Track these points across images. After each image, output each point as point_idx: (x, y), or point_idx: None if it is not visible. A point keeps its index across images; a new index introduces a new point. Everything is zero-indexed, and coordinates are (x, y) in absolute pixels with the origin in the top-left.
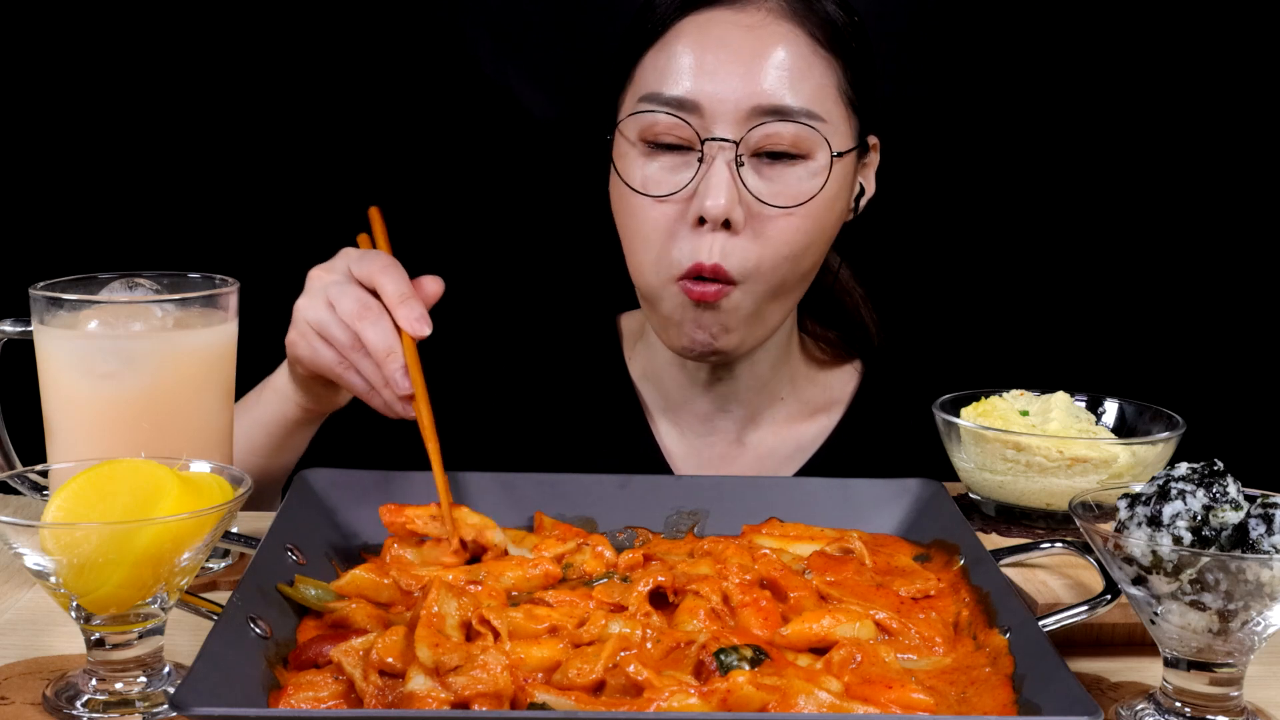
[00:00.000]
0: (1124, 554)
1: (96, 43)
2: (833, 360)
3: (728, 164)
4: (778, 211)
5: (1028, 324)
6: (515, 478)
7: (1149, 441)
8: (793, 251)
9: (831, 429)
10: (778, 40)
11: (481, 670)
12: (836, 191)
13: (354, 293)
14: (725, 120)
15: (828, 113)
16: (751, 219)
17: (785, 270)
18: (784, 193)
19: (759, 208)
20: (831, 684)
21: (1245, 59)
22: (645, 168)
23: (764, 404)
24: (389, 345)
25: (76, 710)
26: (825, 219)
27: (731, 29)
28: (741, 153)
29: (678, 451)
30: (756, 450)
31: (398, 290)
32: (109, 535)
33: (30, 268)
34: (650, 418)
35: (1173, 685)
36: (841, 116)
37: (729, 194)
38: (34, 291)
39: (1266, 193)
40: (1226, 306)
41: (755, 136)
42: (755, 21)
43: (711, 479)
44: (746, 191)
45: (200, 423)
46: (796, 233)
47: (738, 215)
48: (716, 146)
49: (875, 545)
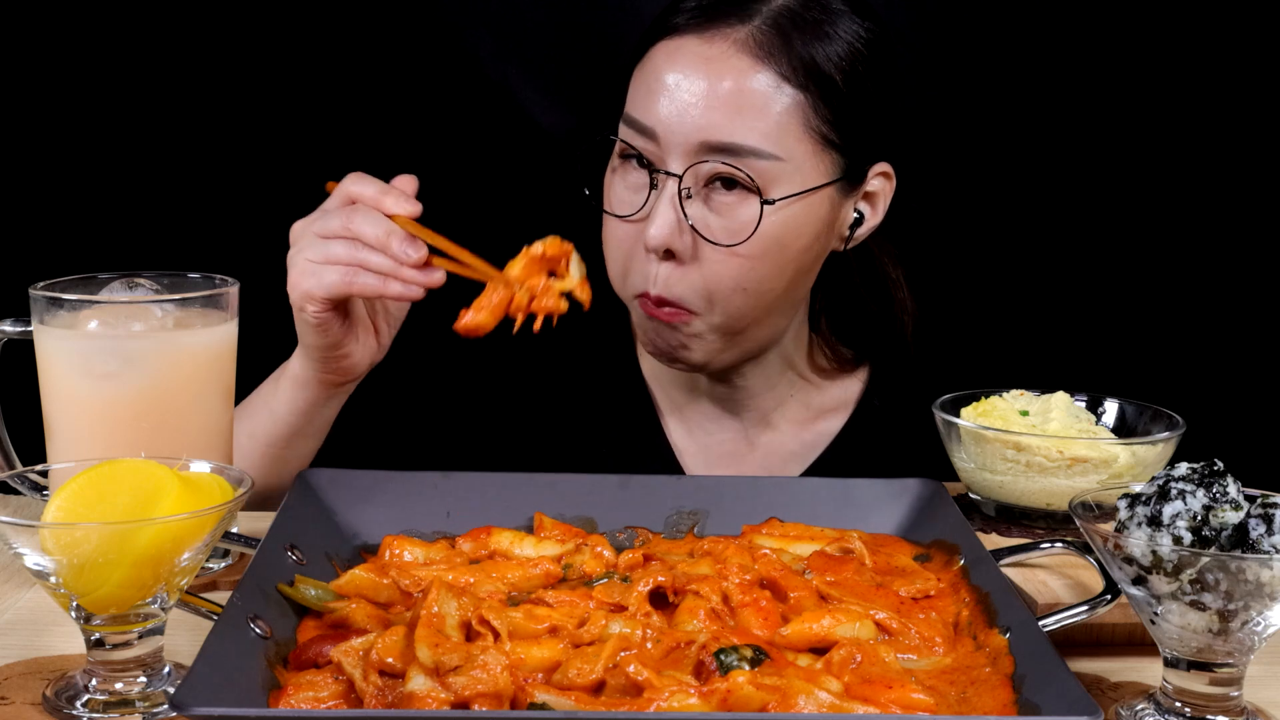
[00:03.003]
0: (1124, 554)
1: (96, 43)
2: (837, 372)
3: (672, 196)
4: (719, 249)
5: (1028, 324)
6: (515, 478)
7: (1149, 441)
8: (742, 285)
9: (840, 429)
10: (735, 74)
11: (481, 670)
12: (796, 229)
13: (336, 211)
14: (675, 151)
15: (786, 151)
16: (697, 250)
17: (741, 301)
18: (727, 228)
19: (701, 241)
20: (831, 684)
21: (1245, 59)
22: (615, 184)
23: (771, 405)
24: (385, 228)
25: (76, 710)
26: (780, 256)
27: (694, 60)
28: (689, 185)
29: (688, 449)
30: (766, 449)
31: (375, 188)
32: (109, 535)
33: (30, 268)
34: (661, 415)
35: (1173, 685)
36: (807, 154)
37: (669, 228)
38: (34, 291)
39: (1266, 193)
40: (1226, 306)
41: (702, 172)
42: (717, 53)
43: (711, 479)
44: (689, 225)
45: (200, 423)
46: (742, 268)
47: (679, 246)
48: (664, 177)
49: (875, 545)
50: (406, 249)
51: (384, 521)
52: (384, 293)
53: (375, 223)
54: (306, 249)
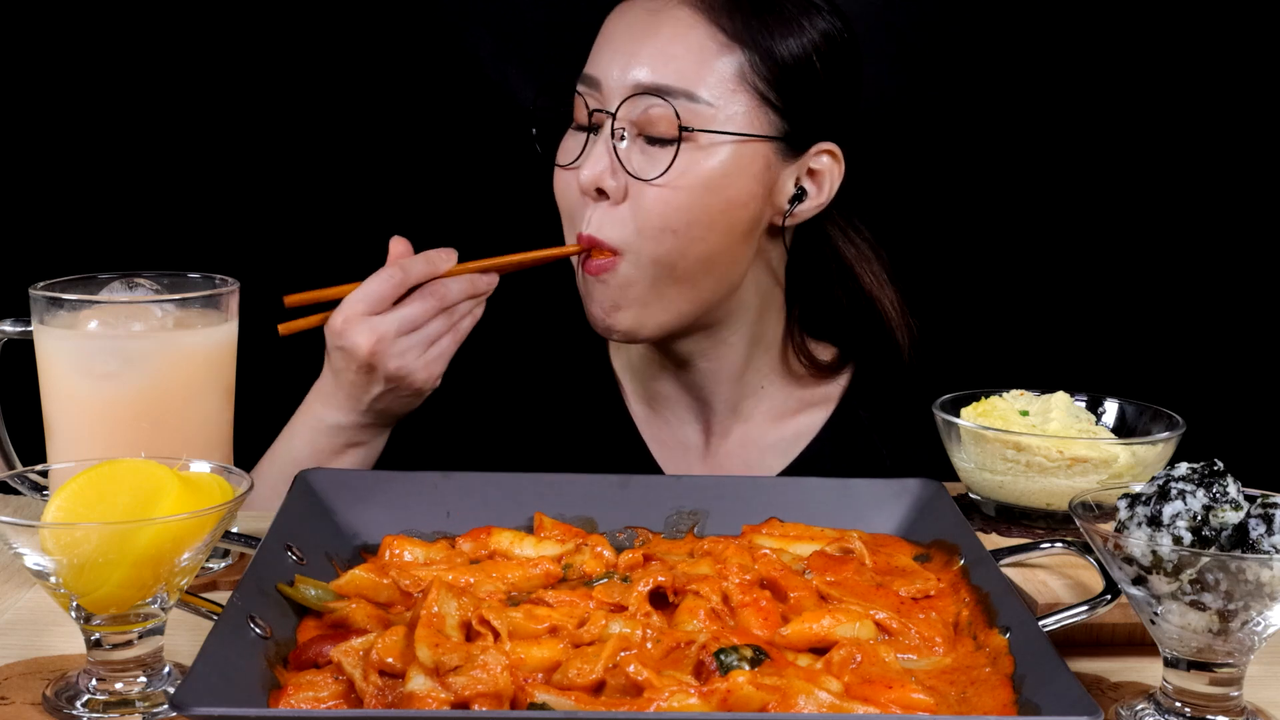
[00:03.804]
0: (1124, 554)
1: (96, 43)
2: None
3: (606, 139)
4: (645, 186)
5: (1028, 324)
6: (515, 478)
7: (1149, 441)
8: (670, 225)
9: (822, 425)
10: (671, 23)
11: (481, 670)
12: (725, 176)
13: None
14: (612, 97)
15: (715, 98)
16: (630, 191)
17: (669, 245)
18: (653, 165)
19: (632, 181)
20: (831, 684)
21: (1245, 59)
22: (565, 140)
23: (740, 396)
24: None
25: (76, 710)
26: (709, 200)
27: (639, 13)
28: (621, 127)
29: (659, 440)
30: (740, 441)
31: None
32: (109, 535)
33: (30, 268)
34: (633, 410)
35: (1173, 685)
36: (742, 106)
37: (600, 165)
38: (34, 291)
39: (1266, 193)
40: (1226, 306)
41: (634, 111)
42: (660, 5)
43: (711, 479)
44: (619, 163)
45: (200, 423)
46: (670, 205)
47: (609, 185)
48: (601, 117)
49: (875, 545)
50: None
51: (384, 521)
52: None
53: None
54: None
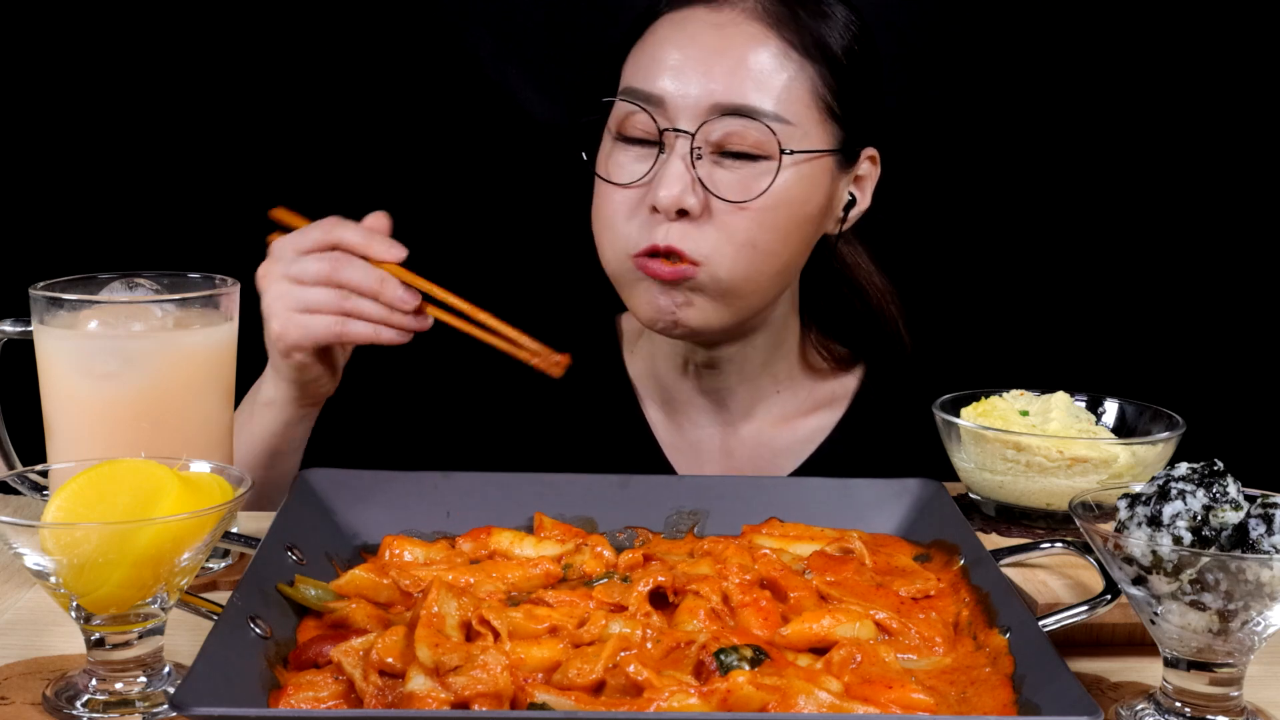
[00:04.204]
0: (1124, 554)
1: (96, 43)
2: (831, 371)
3: (683, 156)
4: (732, 206)
5: (1028, 324)
6: (515, 478)
7: (1149, 441)
8: (752, 241)
9: (833, 426)
10: (746, 40)
11: (481, 670)
12: (803, 194)
13: (315, 257)
14: (686, 115)
15: (794, 116)
16: (708, 210)
17: (748, 259)
18: (739, 187)
19: (714, 200)
20: (831, 684)
21: (1245, 59)
22: (613, 156)
23: (757, 399)
24: (376, 274)
25: (76, 710)
26: (788, 218)
27: (703, 27)
28: (699, 145)
29: (673, 444)
30: (754, 443)
31: (358, 235)
32: (109, 535)
33: (30, 268)
34: (649, 415)
35: (1173, 685)
36: (813, 121)
37: (682, 184)
38: (34, 291)
39: (1266, 193)
40: (1226, 306)
41: (714, 132)
42: (726, 20)
43: (711, 479)
44: (700, 183)
45: (200, 423)
46: (754, 227)
47: (690, 203)
48: (674, 137)
49: (875, 545)
50: (404, 296)
51: (384, 521)
52: (376, 339)
53: (364, 270)
54: (285, 296)
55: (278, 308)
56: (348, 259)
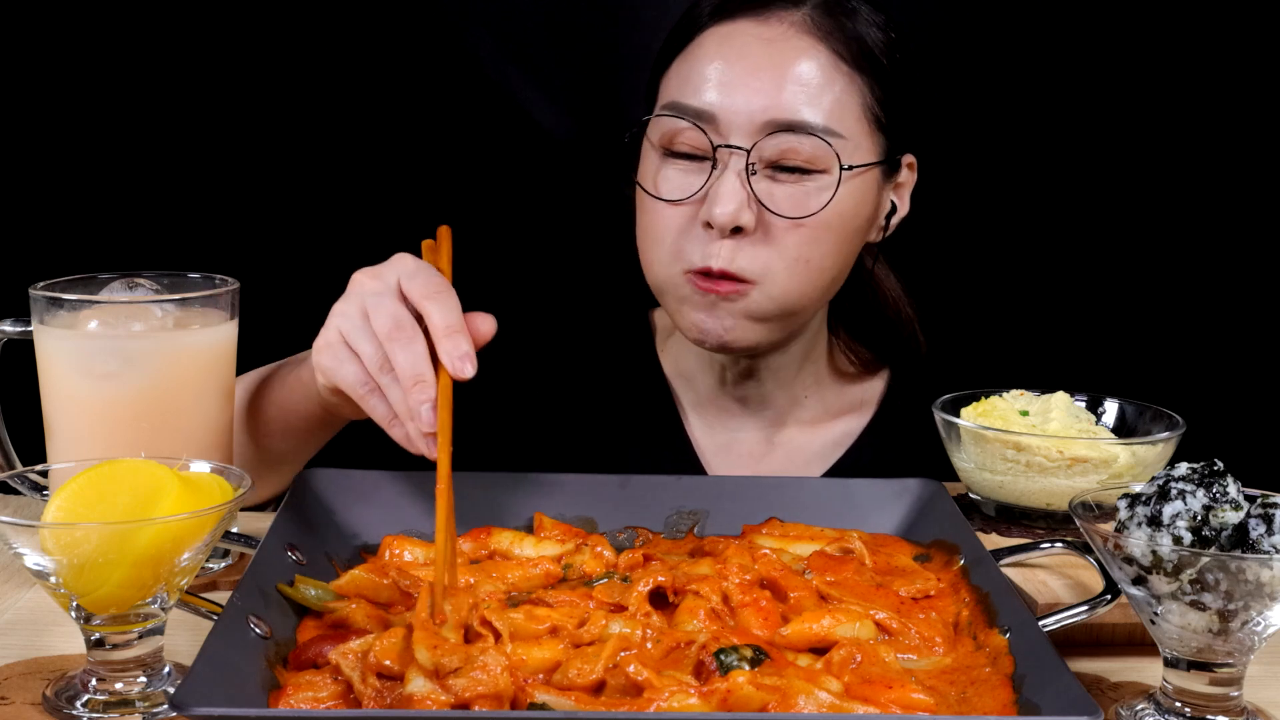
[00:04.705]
0: (1124, 554)
1: (96, 43)
2: (858, 375)
3: (738, 172)
4: (787, 222)
5: (1028, 324)
6: (515, 478)
7: (1149, 441)
8: (806, 257)
9: (861, 429)
10: (797, 54)
11: (481, 671)
12: (854, 207)
13: (393, 308)
14: (739, 131)
15: (846, 129)
16: (763, 226)
17: (801, 276)
18: (795, 203)
19: (769, 216)
20: (831, 684)
21: (1245, 59)
22: (661, 171)
23: (789, 404)
24: (419, 372)
25: (76, 710)
26: (840, 233)
27: (752, 41)
28: (754, 161)
29: (709, 448)
30: (787, 448)
31: (445, 320)
32: (109, 535)
33: (30, 268)
34: (683, 413)
35: (1173, 685)
36: (863, 133)
37: (737, 201)
38: (34, 291)
39: (1266, 193)
40: (1226, 306)
41: (768, 148)
42: (776, 34)
43: (711, 479)
44: (756, 199)
45: (200, 423)
46: (808, 242)
47: (746, 220)
48: (729, 154)
49: (875, 545)
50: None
51: (384, 521)
52: (385, 427)
53: (413, 360)
54: (348, 318)
55: (333, 323)
56: (414, 333)
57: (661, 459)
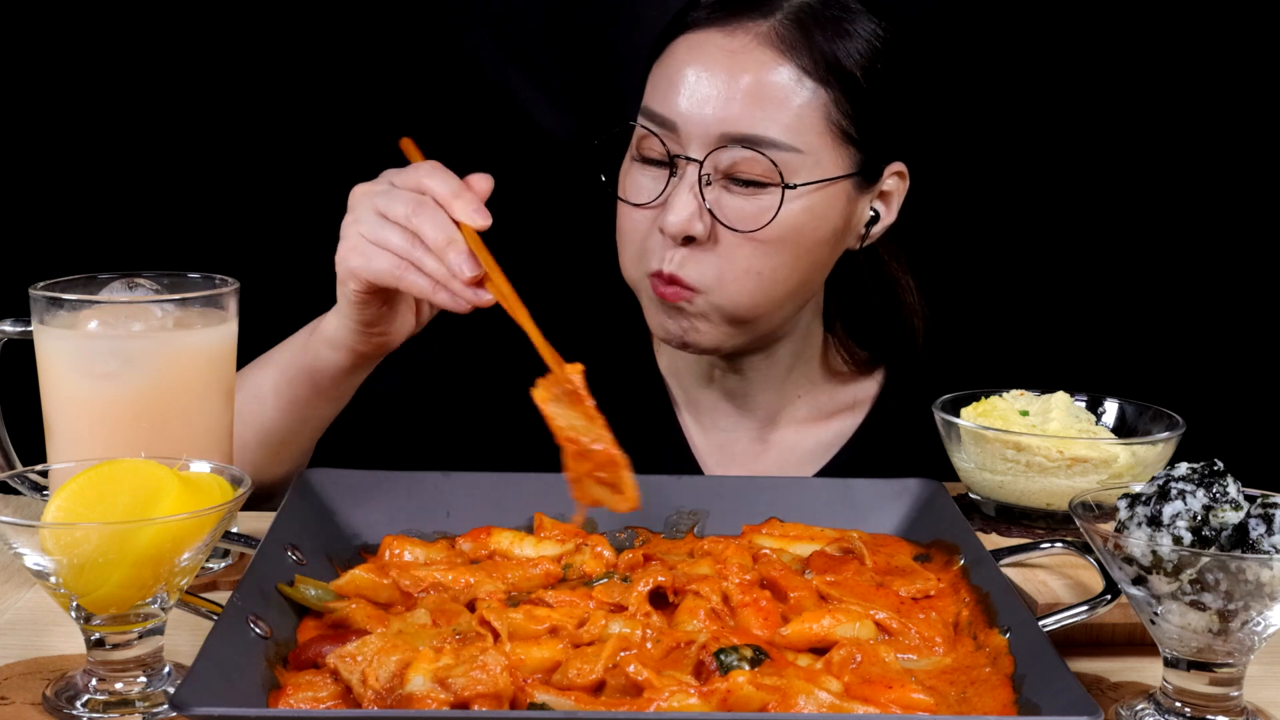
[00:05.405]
0: (1124, 554)
1: (96, 43)
2: (853, 375)
3: (692, 184)
4: (737, 234)
5: (1028, 324)
6: (515, 478)
7: (1149, 441)
8: (757, 269)
9: (855, 429)
10: (756, 67)
11: (481, 671)
12: (813, 220)
13: (403, 195)
14: (696, 141)
15: (806, 144)
16: (714, 236)
17: (752, 287)
18: (745, 216)
19: (720, 227)
20: (831, 684)
21: (1245, 60)
22: (630, 175)
23: (781, 404)
24: (448, 235)
25: (76, 710)
26: (797, 246)
27: (717, 52)
28: (708, 172)
29: (703, 446)
30: (780, 447)
31: (449, 187)
32: (109, 535)
33: (30, 268)
34: (679, 412)
35: (1173, 685)
36: (827, 147)
37: (689, 212)
38: (34, 291)
39: (1266, 193)
40: (1226, 306)
41: (723, 160)
42: (739, 46)
43: (711, 479)
44: (708, 210)
45: (200, 423)
46: (760, 255)
47: (698, 230)
48: (684, 163)
49: (875, 545)
50: (463, 265)
51: (384, 521)
52: (431, 299)
53: (439, 226)
54: (363, 222)
55: (351, 231)
56: (430, 208)
57: (660, 458)
